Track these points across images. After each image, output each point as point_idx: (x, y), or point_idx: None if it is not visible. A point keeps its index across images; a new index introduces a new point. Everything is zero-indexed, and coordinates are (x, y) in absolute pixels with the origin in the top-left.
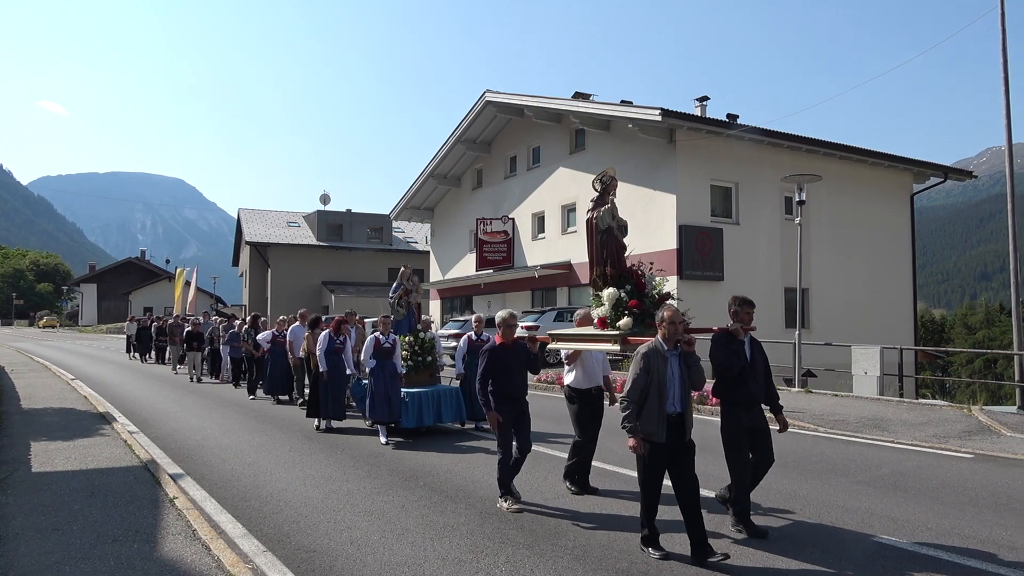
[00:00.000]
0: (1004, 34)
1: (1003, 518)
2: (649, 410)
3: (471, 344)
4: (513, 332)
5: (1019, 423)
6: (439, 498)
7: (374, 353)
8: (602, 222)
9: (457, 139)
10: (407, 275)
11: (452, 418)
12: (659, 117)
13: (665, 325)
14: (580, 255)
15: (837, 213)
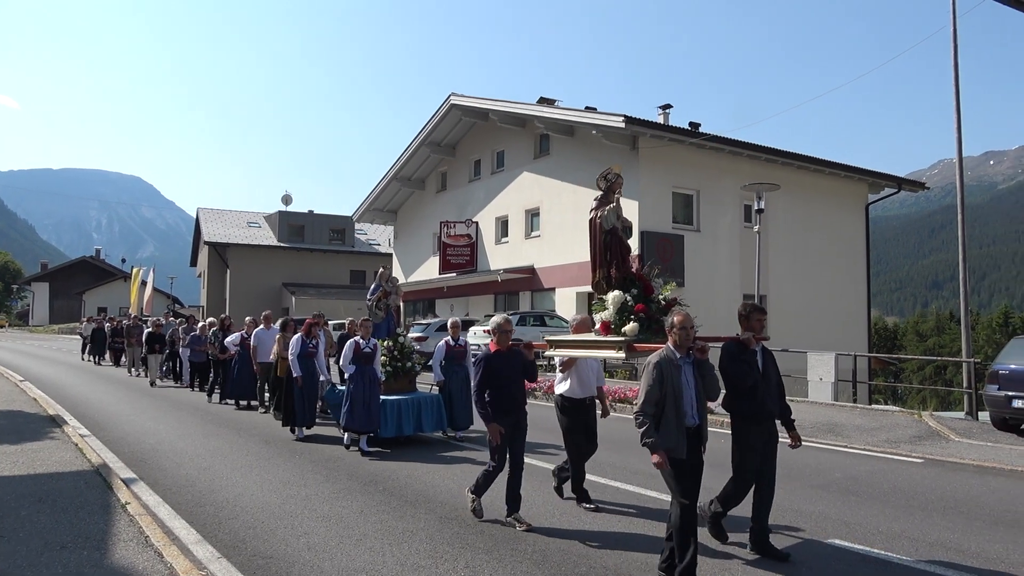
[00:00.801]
0: (956, 51)
1: (951, 521)
2: (667, 424)
3: (448, 350)
4: (509, 338)
5: (967, 428)
6: (398, 503)
7: (353, 358)
8: (606, 222)
9: (422, 142)
10: (386, 276)
11: (433, 427)
12: (622, 124)
13: (676, 331)
14: (543, 260)
15: (795, 221)
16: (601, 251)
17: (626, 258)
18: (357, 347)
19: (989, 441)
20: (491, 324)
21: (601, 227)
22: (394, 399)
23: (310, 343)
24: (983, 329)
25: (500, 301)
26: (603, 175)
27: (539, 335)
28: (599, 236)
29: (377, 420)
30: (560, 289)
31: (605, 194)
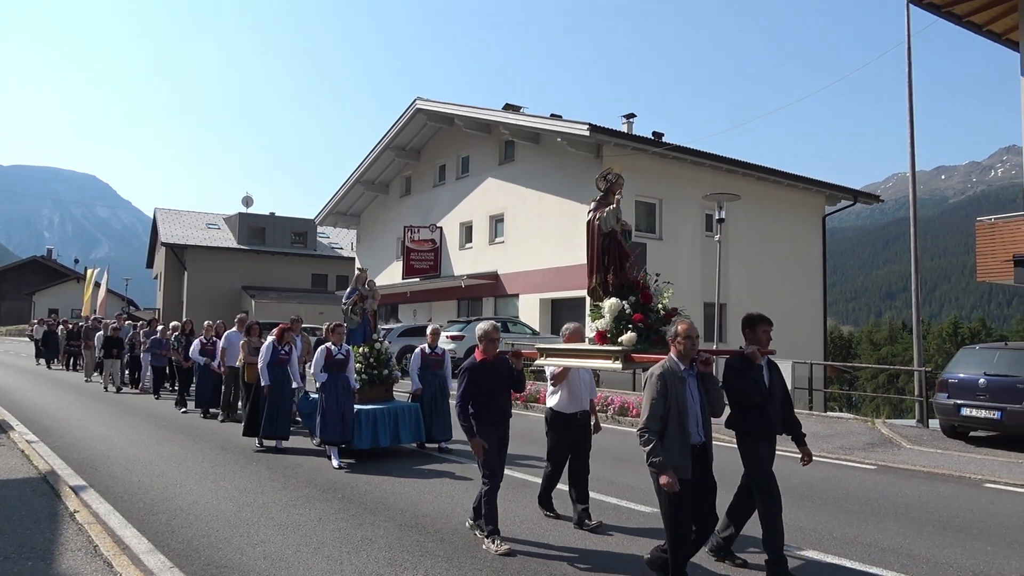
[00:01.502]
0: (910, 69)
1: (903, 527)
2: (670, 441)
3: (425, 358)
4: (496, 347)
5: (918, 436)
6: (357, 510)
7: (325, 366)
8: (605, 224)
9: (386, 146)
10: (363, 279)
11: (411, 438)
12: (587, 132)
13: (680, 340)
14: (507, 266)
15: (754, 231)
16: (599, 255)
17: (624, 264)
18: (328, 353)
19: (939, 448)
20: (478, 331)
21: (599, 230)
22: (370, 408)
23: (282, 349)
24: (934, 339)
25: (463, 307)
26: (602, 175)
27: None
28: (597, 239)
29: (350, 430)
30: (523, 295)
31: (604, 195)
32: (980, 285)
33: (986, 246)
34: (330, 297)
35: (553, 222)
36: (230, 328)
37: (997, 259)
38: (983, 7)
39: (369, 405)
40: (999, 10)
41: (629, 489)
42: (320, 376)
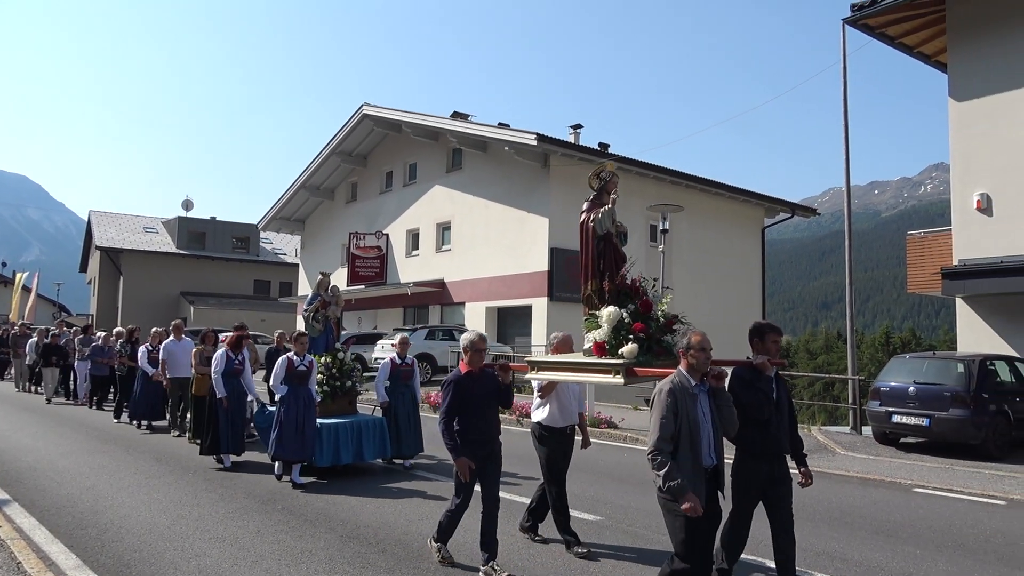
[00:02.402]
0: (845, 86)
1: (836, 531)
2: (681, 463)
3: (394, 368)
4: (483, 358)
5: (851, 442)
6: (297, 522)
7: (286, 377)
8: (600, 226)
9: (332, 151)
10: (325, 285)
11: (375, 454)
12: (534, 142)
13: (693, 353)
14: (453, 274)
15: (697, 242)
16: (593, 260)
17: (620, 268)
18: (291, 364)
19: (871, 454)
20: (463, 341)
21: (594, 232)
22: (331, 423)
23: (236, 359)
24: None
25: (409, 315)
26: (595, 173)
27: (447, 349)
28: (591, 243)
29: (311, 447)
30: (470, 304)
31: (598, 195)
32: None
33: (916, 259)
34: (273, 304)
35: (500, 230)
36: None
37: (926, 271)
38: (914, 30)
39: (331, 419)
40: (929, 33)
41: (606, 504)
42: (280, 388)
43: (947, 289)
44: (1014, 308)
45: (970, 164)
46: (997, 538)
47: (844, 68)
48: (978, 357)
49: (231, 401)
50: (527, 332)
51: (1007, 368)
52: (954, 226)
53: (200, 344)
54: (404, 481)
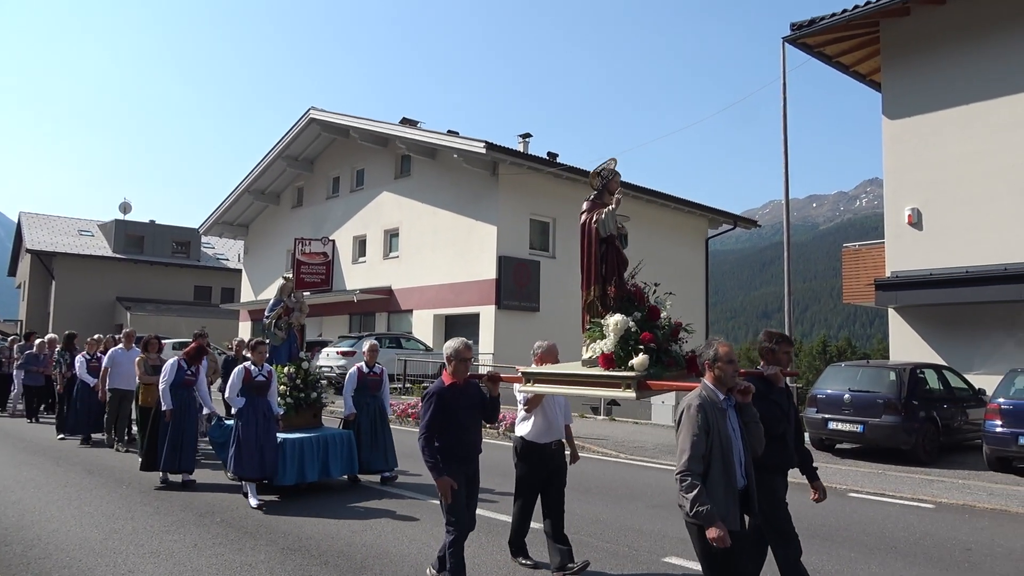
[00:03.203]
0: (785, 102)
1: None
2: (713, 485)
3: (362, 378)
4: (468, 368)
5: None
6: (237, 535)
7: (243, 388)
8: (604, 228)
9: (278, 155)
10: (288, 290)
11: (342, 471)
12: (484, 150)
13: (721, 365)
14: (401, 281)
15: (642, 252)
16: (596, 264)
17: (622, 274)
18: (248, 375)
19: None
20: (447, 350)
21: (597, 234)
22: (296, 437)
23: (189, 369)
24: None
25: (356, 322)
26: (596, 172)
27: (395, 357)
28: (595, 246)
29: (272, 464)
30: (418, 311)
31: (599, 194)
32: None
33: (851, 270)
34: (214, 310)
35: (448, 238)
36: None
37: (861, 282)
38: (850, 50)
39: (295, 434)
40: (864, 53)
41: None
42: (237, 401)
43: (880, 300)
44: (942, 319)
45: (902, 180)
46: (926, 540)
47: (784, 85)
48: (909, 366)
49: (178, 415)
50: (475, 340)
51: (936, 376)
52: (887, 239)
53: (144, 352)
54: (374, 499)
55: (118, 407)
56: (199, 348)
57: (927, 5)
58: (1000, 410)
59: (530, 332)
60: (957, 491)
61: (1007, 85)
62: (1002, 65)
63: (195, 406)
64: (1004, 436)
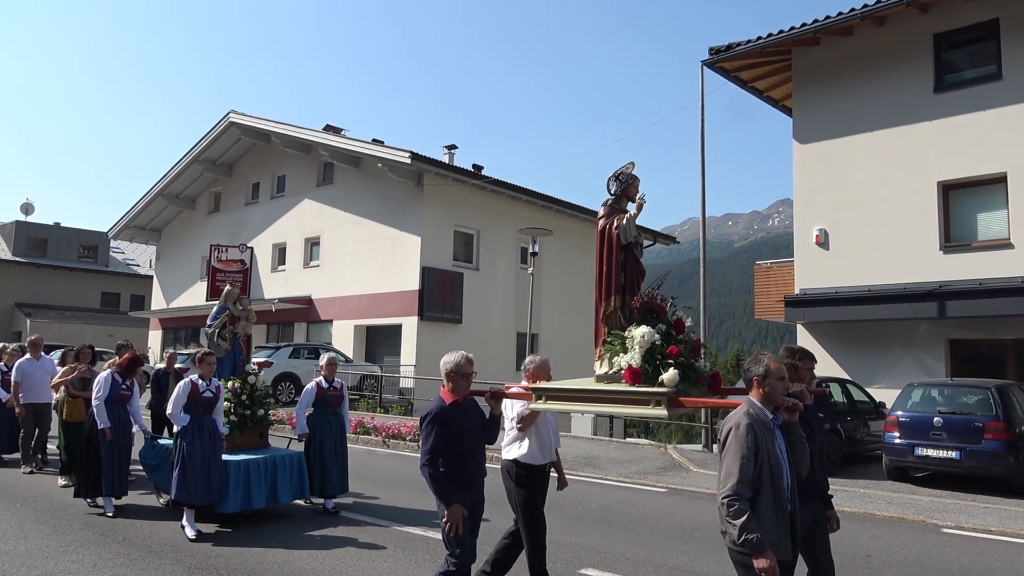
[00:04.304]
0: (703, 123)
1: (687, 546)
2: (762, 511)
3: (320, 393)
4: (469, 384)
5: (704, 459)
6: (141, 554)
7: (189, 405)
8: (625, 235)
9: (195, 158)
10: (234, 297)
11: (292, 495)
12: (408, 160)
13: (771, 382)
14: (321, 291)
15: (565, 265)
16: (616, 272)
17: (639, 283)
18: (195, 390)
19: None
20: (446, 365)
21: (618, 241)
22: (241, 459)
23: (124, 383)
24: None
25: (274, 332)
26: (614, 175)
27: (312, 368)
28: (616, 253)
29: (220, 488)
30: (338, 321)
31: (617, 199)
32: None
33: (763, 287)
34: (122, 318)
35: (371, 247)
36: None
37: (772, 299)
38: (764, 75)
39: (239, 455)
40: (777, 79)
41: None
42: (180, 418)
43: (789, 316)
44: (847, 334)
45: (811, 201)
46: None
47: (702, 106)
48: (815, 379)
49: (116, 433)
50: (396, 352)
51: (840, 390)
52: (796, 258)
53: (74, 361)
54: (329, 527)
55: (35, 424)
56: (133, 359)
57: (835, 36)
58: (898, 422)
59: (452, 344)
60: (858, 500)
61: (907, 115)
62: (902, 96)
63: (129, 424)
64: (902, 447)
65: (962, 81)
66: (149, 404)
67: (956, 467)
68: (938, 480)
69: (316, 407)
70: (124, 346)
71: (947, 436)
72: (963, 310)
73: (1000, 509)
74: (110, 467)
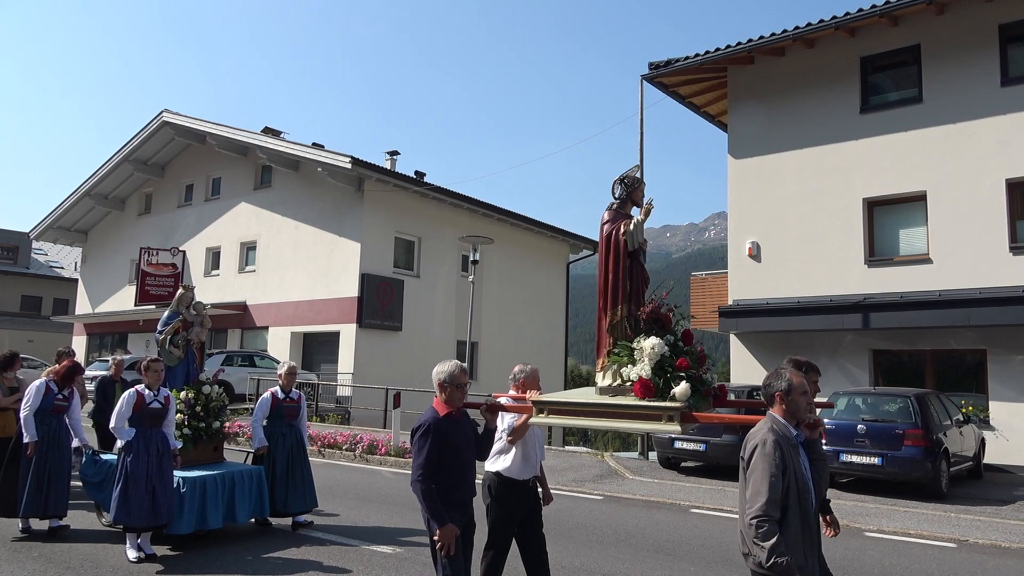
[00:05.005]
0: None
1: (621, 552)
2: (789, 532)
3: (275, 404)
4: (464, 396)
5: (639, 467)
6: (59, 570)
7: (135, 417)
8: (632, 241)
9: (125, 157)
10: (187, 301)
11: (250, 514)
12: (349, 165)
13: (795, 397)
14: (256, 296)
15: (505, 273)
16: (624, 280)
17: (644, 291)
18: (140, 400)
19: (656, 478)
20: (440, 375)
21: (625, 247)
22: (196, 476)
23: (59, 393)
24: None
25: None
26: (620, 179)
27: (246, 376)
28: (623, 260)
29: (167, 509)
30: (274, 328)
31: (622, 203)
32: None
33: (698, 297)
34: (44, 323)
35: (309, 253)
36: None
37: (707, 309)
38: (701, 91)
39: (193, 471)
40: (714, 95)
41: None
42: (125, 432)
43: (723, 326)
44: (777, 344)
45: (744, 215)
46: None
47: (641, 119)
48: (746, 388)
49: (44, 448)
50: (334, 359)
51: None
52: (730, 270)
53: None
54: (292, 547)
55: None
56: (72, 367)
57: (769, 56)
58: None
59: (392, 352)
60: None
61: (835, 134)
62: (831, 115)
63: (66, 437)
64: (827, 454)
65: (886, 103)
66: (91, 414)
67: (878, 473)
68: (861, 485)
69: (271, 419)
70: (64, 353)
71: (870, 443)
72: (885, 322)
73: (919, 513)
74: (36, 485)
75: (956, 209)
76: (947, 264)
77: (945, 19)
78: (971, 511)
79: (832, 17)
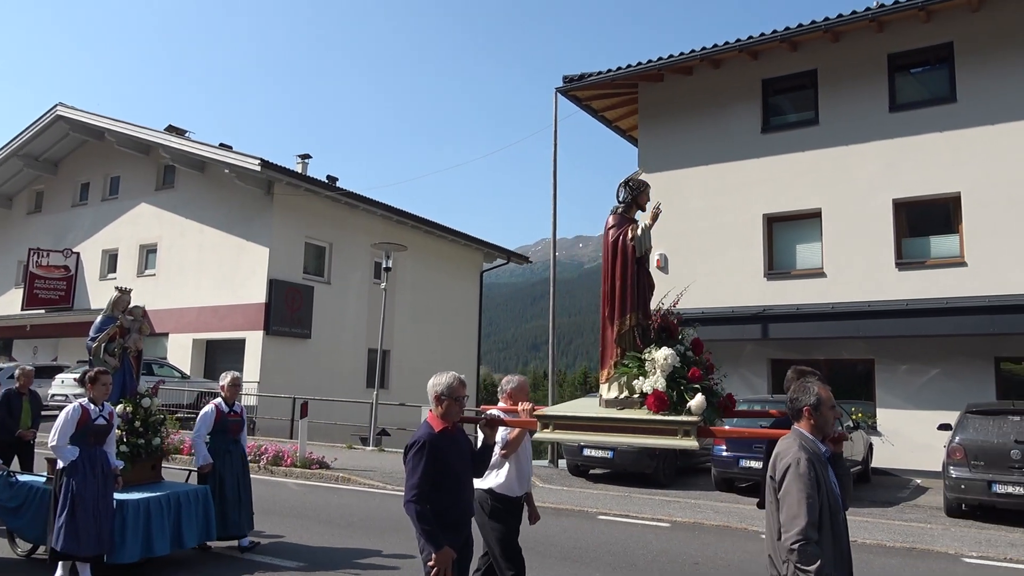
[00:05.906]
0: (556, 147)
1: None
2: (823, 551)
3: (219, 418)
4: (462, 410)
5: (549, 475)
6: None
7: (77, 434)
8: (640, 247)
9: (14, 152)
10: (124, 305)
11: (199, 537)
12: (258, 167)
13: (824, 411)
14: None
15: (418, 281)
16: (632, 288)
17: (650, 299)
18: (85, 416)
19: (565, 486)
20: (437, 387)
21: (633, 253)
22: (138, 498)
23: None
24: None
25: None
26: (624, 182)
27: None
28: (631, 266)
29: (111, 536)
30: (174, 335)
31: (627, 208)
32: None
33: None
34: None
35: (214, 257)
36: None
37: None
38: (613, 106)
39: (134, 493)
40: (625, 110)
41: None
42: (68, 451)
43: None
44: None
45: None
46: (662, 557)
47: (555, 131)
48: None
49: None
50: (239, 368)
51: None
52: None
53: None
54: (244, 573)
55: None
56: None
57: (678, 75)
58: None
59: (300, 359)
60: (689, 510)
61: (737, 151)
62: (734, 134)
63: None
64: (728, 459)
65: (786, 123)
66: None
67: None
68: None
69: (214, 434)
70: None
71: (766, 449)
72: (783, 332)
73: None
74: None
75: (848, 226)
76: (840, 278)
77: (840, 46)
78: (859, 512)
79: (736, 40)
